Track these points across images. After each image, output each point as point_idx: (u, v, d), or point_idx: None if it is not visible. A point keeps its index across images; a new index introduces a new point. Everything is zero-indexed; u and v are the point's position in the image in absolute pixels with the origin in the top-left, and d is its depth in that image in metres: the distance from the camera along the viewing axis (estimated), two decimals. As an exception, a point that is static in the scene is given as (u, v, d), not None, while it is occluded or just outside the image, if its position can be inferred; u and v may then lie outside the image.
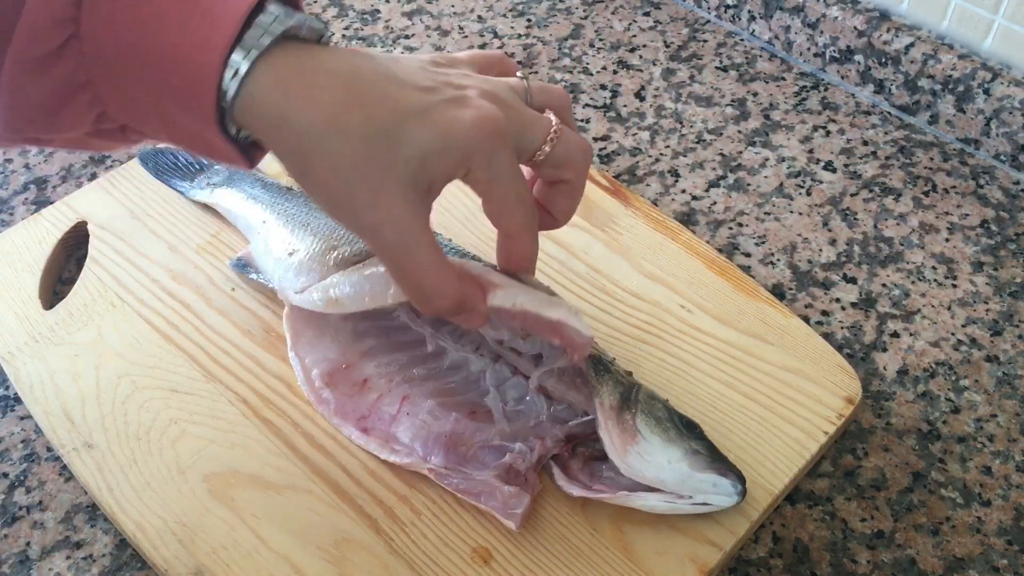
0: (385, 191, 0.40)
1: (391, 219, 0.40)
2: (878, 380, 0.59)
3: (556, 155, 0.44)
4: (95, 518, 0.53)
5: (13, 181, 0.72)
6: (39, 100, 0.40)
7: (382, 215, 0.40)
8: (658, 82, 0.78)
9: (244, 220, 0.63)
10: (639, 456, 0.48)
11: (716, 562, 0.49)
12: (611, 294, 0.61)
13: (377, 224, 0.40)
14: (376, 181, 0.40)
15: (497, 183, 0.42)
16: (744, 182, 0.71)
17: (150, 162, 0.68)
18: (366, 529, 0.50)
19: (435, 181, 0.41)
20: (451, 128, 0.40)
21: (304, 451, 0.53)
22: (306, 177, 0.41)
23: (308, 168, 0.40)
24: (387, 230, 0.40)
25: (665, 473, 0.48)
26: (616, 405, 0.49)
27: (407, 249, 0.41)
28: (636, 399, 0.50)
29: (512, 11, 0.85)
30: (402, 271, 0.42)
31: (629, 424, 0.49)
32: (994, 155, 0.71)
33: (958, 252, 0.66)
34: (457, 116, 0.41)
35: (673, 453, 0.49)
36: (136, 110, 0.40)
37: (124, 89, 0.39)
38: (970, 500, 0.53)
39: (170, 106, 0.39)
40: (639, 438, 0.49)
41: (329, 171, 0.40)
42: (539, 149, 0.44)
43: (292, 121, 0.39)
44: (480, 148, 0.41)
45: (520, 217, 0.44)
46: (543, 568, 0.49)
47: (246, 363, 0.57)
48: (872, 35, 0.73)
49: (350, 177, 0.39)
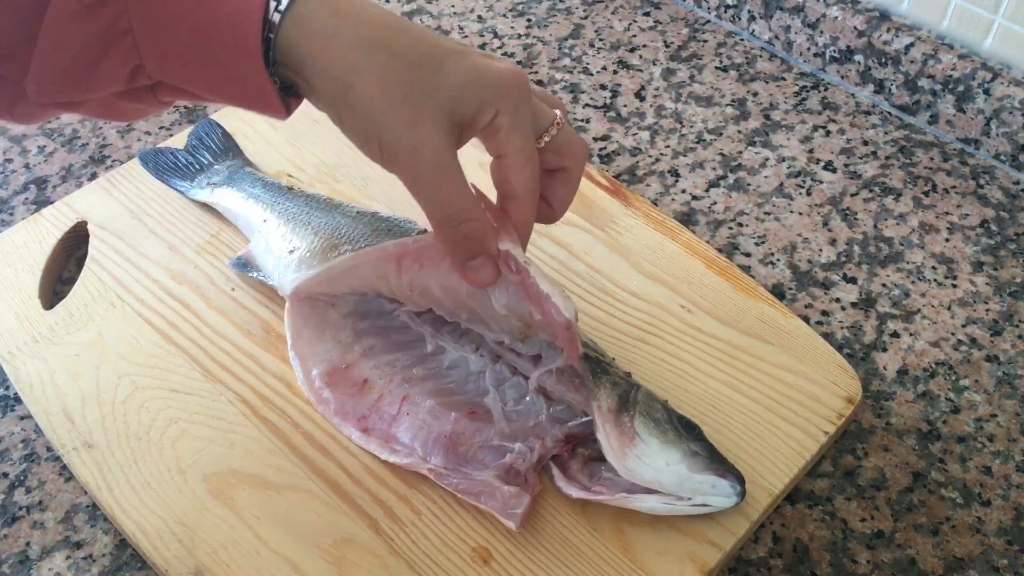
0: (426, 113, 0.41)
1: (430, 140, 0.42)
2: (878, 380, 0.59)
3: (560, 141, 0.46)
4: (95, 518, 0.53)
5: (13, 181, 0.72)
6: (77, 53, 0.40)
7: (423, 134, 0.41)
8: (658, 82, 0.78)
9: (244, 219, 0.63)
10: (637, 459, 0.48)
11: (716, 562, 0.49)
12: (611, 294, 0.61)
13: (417, 143, 0.41)
14: (418, 103, 0.41)
15: (517, 134, 0.44)
16: (744, 182, 0.71)
17: (150, 162, 0.68)
18: (366, 529, 0.50)
19: (467, 117, 0.43)
20: (487, 69, 0.43)
21: (304, 451, 0.53)
22: (348, 93, 0.41)
23: (353, 84, 0.41)
24: (426, 149, 0.42)
25: (664, 475, 0.48)
26: (614, 407, 0.49)
27: (444, 170, 0.42)
28: (634, 401, 0.50)
29: (512, 11, 0.85)
30: (436, 190, 0.43)
31: (627, 427, 0.49)
32: (994, 155, 0.71)
33: (958, 252, 0.66)
34: (491, 63, 0.43)
35: (671, 455, 0.49)
36: (175, 58, 0.41)
37: (166, 33, 0.40)
38: (970, 500, 0.53)
39: (213, 45, 0.40)
40: (637, 440, 0.49)
41: (376, 86, 0.41)
42: (546, 131, 0.46)
43: (342, 36, 0.41)
44: (511, 94, 0.43)
45: (529, 177, 0.45)
46: (543, 568, 0.49)
47: (246, 363, 0.57)
48: (872, 35, 0.73)
49: (395, 93, 0.41)
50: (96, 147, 0.74)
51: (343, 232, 0.58)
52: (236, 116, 0.71)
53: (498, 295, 0.50)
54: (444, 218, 0.44)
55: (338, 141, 0.70)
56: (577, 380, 0.52)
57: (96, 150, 0.74)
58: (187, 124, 0.75)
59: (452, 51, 0.43)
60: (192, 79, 0.42)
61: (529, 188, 0.45)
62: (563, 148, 0.47)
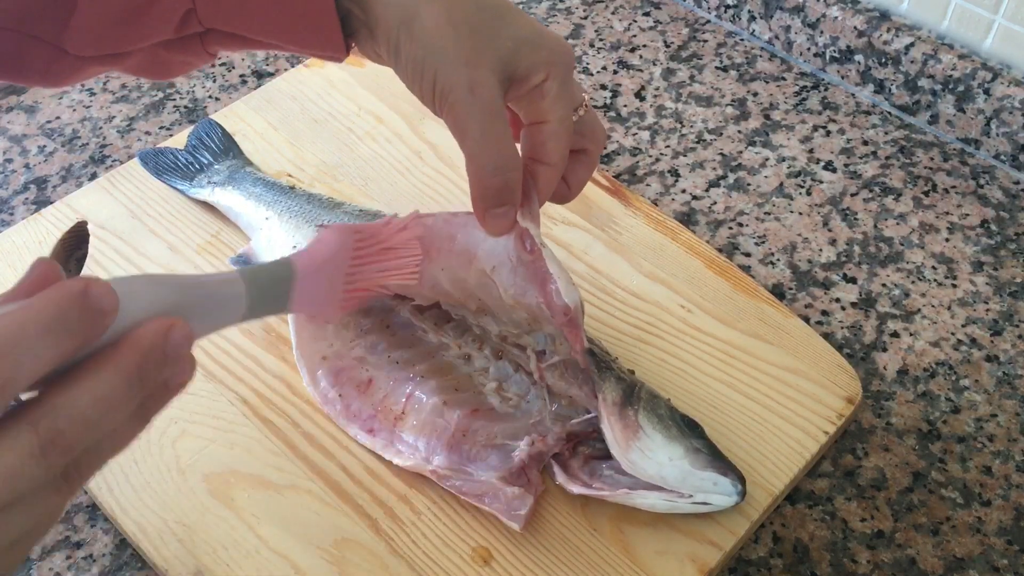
0: (487, 55, 0.42)
1: (488, 82, 0.42)
2: (878, 380, 0.59)
3: (585, 122, 0.47)
4: (95, 518, 0.53)
5: (13, 181, 0.72)
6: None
7: (481, 75, 0.41)
8: (658, 82, 0.78)
9: (246, 218, 0.63)
10: (641, 452, 0.48)
11: (716, 562, 0.49)
12: (611, 294, 0.61)
13: (475, 80, 0.41)
14: (480, 43, 0.41)
15: (561, 103, 0.44)
16: (744, 182, 0.71)
17: (150, 162, 0.68)
18: (366, 529, 0.50)
19: (519, 72, 0.43)
20: (545, 32, 0.44)
21: (304, 451, 0.53)
22: (413, 22, 0.41)
23: (419, 13, 0.41)
24: (482, 90, 0.41)
25: (666, 470, 0.48)
26: (619, 401, 0.50)
27: (496, 115, 0.42)
28: (639, 395, 0.50)
29: (512, 11, 0.85)
30: (486, 134, 0.42)
31: (631, 420, 0.49)
32: (994, 155, 0.71)
33: (958, 252, 0.66)
34: (548, 30, 0.45)
35: (675, 450, 0.49)
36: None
37: None
38: (970, 500, 0.53)
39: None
40: (641, 434, 0.49)
41: (442, 17, 0.41)
42: (575, 111, 0.46)
43: None
44: (562, 61, 0.44)
45: (564, 146, 0.45)
46: (543, 568, 0.49)
47: (246, 363, 0.57)
48: (872, 35, 0.73)
49: (460, 29, 0.41)
50: (96, 147, 0.74)
51: None
52: (236, 116, 0.71)
53: (506, 282, 0.50)
54: (488, 164, 0.43)
55: (338, 141, 0.70)
56: (581, 375, 0.52)
57: (96, 150, 0.74)
58: (187, 124, 0.75)
59: (513, 7, 0.44)
60: (249, 18, 0.42)
61: (561, 158, 0.45)
62: (587, 130, 0.47)
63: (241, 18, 0.42)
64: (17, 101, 0.78)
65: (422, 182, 0.67)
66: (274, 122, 0.71)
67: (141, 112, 0.77)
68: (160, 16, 0.41)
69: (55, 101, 0.78)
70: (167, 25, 0.41)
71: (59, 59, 0.42)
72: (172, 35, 0.42)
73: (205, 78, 0.79)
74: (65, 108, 0.77)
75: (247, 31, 0.42)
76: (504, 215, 0.45)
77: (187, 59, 0.45)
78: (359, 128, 0.71)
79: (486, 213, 0.45)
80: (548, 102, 0.44)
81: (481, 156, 0.43)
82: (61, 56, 0.42)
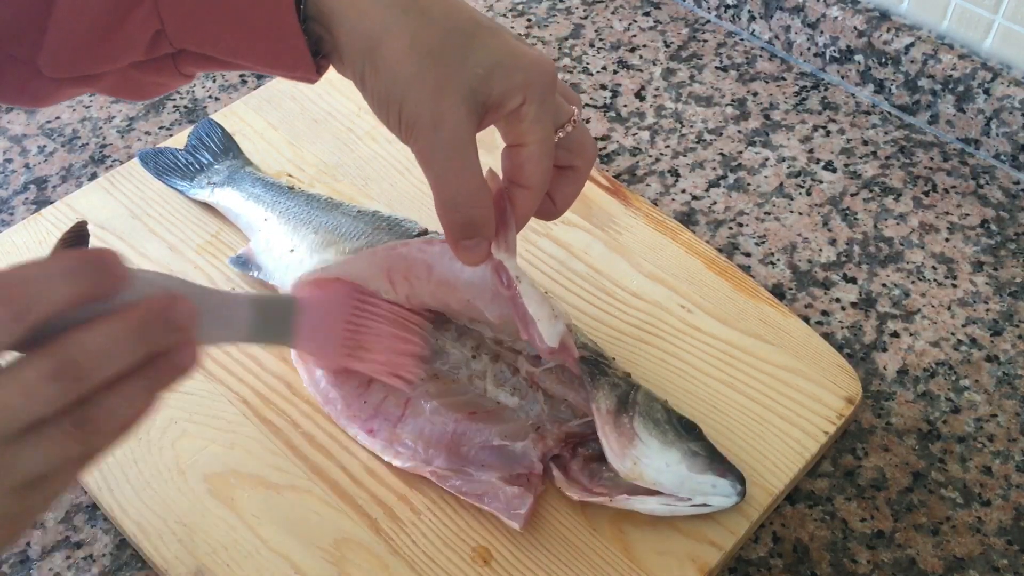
0: (452, 85, 0.40)
1: (452, 113, 0.40)
2: (878, 380, 0.59)
3: (573, 139, 0.45)
4: (95, 518, 0.53)
5: (13, 181, 0.72)
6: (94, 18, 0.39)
7: (446, 107, 0.40)
8: (658, 82, 0.78)
9: (245, 218, 0.63)
10: (637, 460, 0.48)
11: (716, 562, 0.49)
12: (611, 294, 0.61)
13: (439, 114, 0.40)
14: (446, 72, 0.40)
15: (541, 126, 0.42)
16: (744, 182, 0.71)
17: (150, 162, 0.68)
18: (366, 529, 0.50)
19: (492, 99, 0.41)
20: (520, 53, 0.41)
21: (304, 451, 0.53)
22: (376, 52, 0.40)
23: (382, 42, 0.40)
24: (447, 123, 0.40)
25: (664, 476, 0.48)
26: (613, 409, 0.49)
27: (461, 148, 0.41)
28: (634, 401, 0.50)
29: (512, 11, 0.85)
30: (448, 169, 0.41)
31: (627, 427, 0.49)
32: (994, 155, 0.71)
33: (958, 252, 0.66)
34: (523, 48, 0.42)
35: (672, 455, 0.49)
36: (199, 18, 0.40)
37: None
38: (970, 500, 0.53)
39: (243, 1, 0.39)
40: (637, 441, 0.49)
41: (406, 47, 0.39)
42: (562, 127, 0.45)
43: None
44: (540, 82, 0.42)
45: (545, 170, 0.44)
46: (543, 568, 0.49)
47: (246, 363, 0.57)
48: (872, 35, 0.73)
49: (424, 59, 0.39)
50: (96, 147, 0.74)
51: (343, 232, 0.58)
52: (236, 116, 0.71)
53: (490, 308, 0.50)
54: (450, 199, 0.42)
55: (338, 141, 0.70)
56: (576, 380, 0.52)
57: (96, 150, 0.74)
58: (187, 124, 0.75)
59: (486, 27, 0.41)
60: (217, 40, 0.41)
61: (541, 181, 0.44)
62: (575, 146, 0.46)
63: (209, 39, 0.41)
64: (17, 101, 0.78)
65: (422, 182, 0.67)
66: (274, 122, 0.71)
67: (141, 112, 0.77)
68: (129, 37, 0.40)
69: (55, 101, 0.78)
70: (137, 46, 0.41)
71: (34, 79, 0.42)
72: (143, 56, 0.41)
73: (205, 78, 0.79)
74: (65, 108, 0.77)
75: (216, 52, 0.42)
76: (475, 247, 0.44)
77: (161, 80, 0.44)
78: (359, 128, 0.71)
79: (456, 244, 0.44)
80: (526, 125, 0.42)
81: (444, 191, 0.42)
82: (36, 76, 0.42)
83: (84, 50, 0.40)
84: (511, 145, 0.44)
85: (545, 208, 0.47)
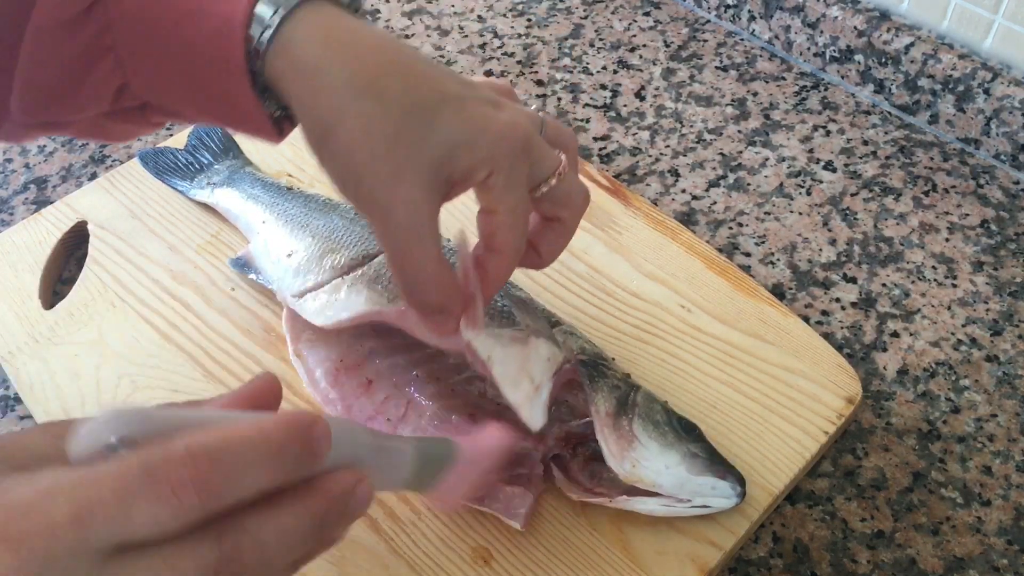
0: (409, 169, 0.38)
1: (408, 199, 0.39)
2: (878, 380, 0.59)
3: (559, 191, 0.43)
4: (95, 518, 0.53)
5: (13, 181, 0.72)
6: (59, 71, 0.39)
7: (400, 194, 0.38)
8: (658, 82, 0.78)
9: (244, 220, 0.63)
10: (636, 462, 0.48)
11: (716, 562, 0.49)
12: (611, 294, 0.61)
13: (393, 202, 0.39)
14: (402, 157, 0.38)
15: (510, 194, 0.41)
16: (744, 182, 0.71)
17: (150, 162, 0.68)
18: (366, 529, 0.50)
19: (456, 175, 0.40)
20: (486, 125, 0.40)
21: (304, 451, 0.53)
22: (329, 138, 0.39)
23: (335, 128, 0.38)
24: (401, 210, 0.39)
25: (663, 478, 0.48)
26: (612, 411, 0.49)
27: (416, 235, 0.39)
28: (633, 403, 0.50)
29: (512, 11, 0.85)
30: (404, 256, 0.40)
31: (626, 430, 0.49)
32: (994, 155, 0.71)
33: (958, 252, 0.66)
34: (493, 115, 0.40)
35: (671, 458, 0.48)
36: (161, 78, 0.39)
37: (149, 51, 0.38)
38: (970, 500, 0.53)
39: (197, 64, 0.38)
40: (636, 444, 0.49)
41: (358, 134, 0.38)
42: (545, 181, 0.43)
43: (330, 73, 0.37)
44: (508, 152, 0.40)
45: (516, 238, 0.42)
46: (543, 568, 0.49)
47: (246, 363, 0.57)
48: (872, 35, 0.73)
49: (377, 146, 0.38)
50: (96, 147, 0.74)
51: (340, 236, 0.58)
52: (236, 116, 0.71)
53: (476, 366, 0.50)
54: (407, 283, 0.41)
55: (338, 141, 0.70)
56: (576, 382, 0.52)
57: (96, 150, 0.74)
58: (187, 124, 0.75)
59: (451, 98, 0.39)
60: (179, 100, 0.40)
61: (514, 249, 0.42)
62: (561, 198, 0.44)
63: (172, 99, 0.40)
64: (17, 101, 0.78)
65: (422, 182, 0.67)
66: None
67: (141, 112, 0.77)
68: (95, 89, 0.40)
69: (55, 101, 0.78)
70: (103, 99, 0.40)
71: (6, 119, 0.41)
72: (109, 108, 0.41)
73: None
74: (65, 108, 0.77)
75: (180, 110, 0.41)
76: (441, 322, 0.43)
77: (129, 127, 0.43)
78: (359, 128, 0.71)
79: (423, 316, 0.43)
80: (495, 195, 0.40)
81: (399, 276, 0.41)
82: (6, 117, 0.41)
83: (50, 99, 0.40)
84: (483, 211, 0.42)
85: (530, 259, 0.46)
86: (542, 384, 0.48)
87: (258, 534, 0.30)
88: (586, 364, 0.51)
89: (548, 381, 0.49)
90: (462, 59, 0.81)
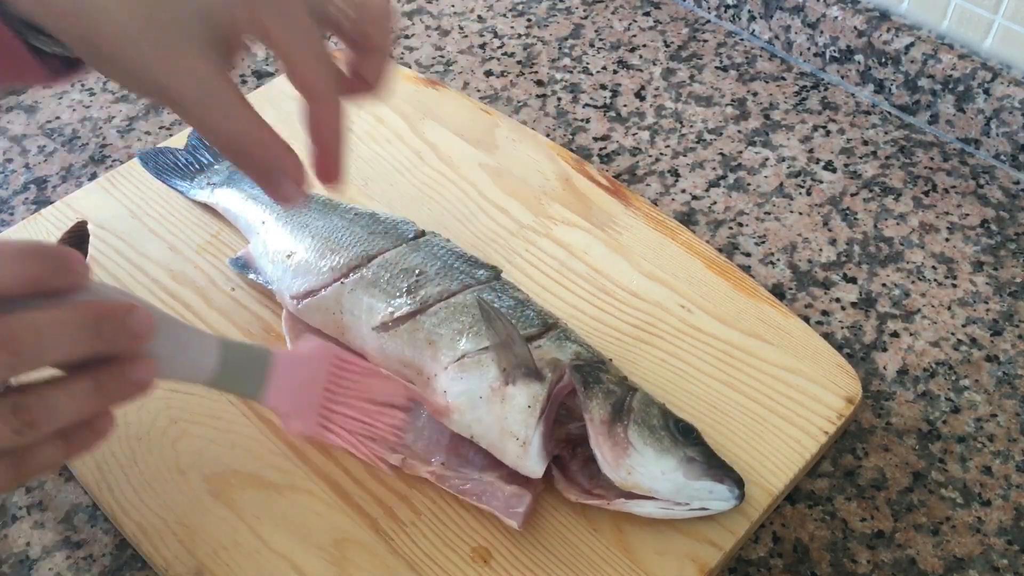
0: (177, 49, 0.38)
1: (189, 74, 0.39)
2: (878, 380, 0.59)
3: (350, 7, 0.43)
4: (95, 518, 0.53)
5: (13, 181, 0.72)
6: None
7: (180, 73, 0.38)
8: (658, 82, 0.78)
9: (244, 220, 0.63)
10: (632, 469, 0.48)
11: (716, 562, 0.49)
12: (611, 294, 0.61)
13: (175, 84, 0.39)
14: (166, 41, 0.38)
15: (295, 39, 0.40)
16: (744, 182, 0.71)
17: (150, 162, 0.68)
18: (366, 529, 0.50)
19: (225, 29, 0.39)
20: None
21: (304, 451, 0.53)
22: (100, 53, 0.38)
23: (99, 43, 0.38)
24: (186, 86, 0.39)
25: (659, 483, 0.48)
26: (607, 418, 0.49)
27: (212, 97, 0.39)
28: (628, 408, 0.50)
29: (512, 11, 0.85)
30: (211, 122, 0.40)
31: (620, 437, 0.48)
32: (994, 155, 0.71)
33: (958, 252, 0.66)
34: None
35: (667, 463, 0.48)
36: None
37: None
38: (970, 500, 0.53)
39: None
40: (631, 451, 0.48)
41: (119, 40, 0.38)
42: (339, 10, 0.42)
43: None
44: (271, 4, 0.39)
45: (324, 74, 0.41)
46: (543, 568, 0.49)
47: (246, 363, 0.57)
48: (872, 35, 0.73)
49: (140, 42, 0.38)
50: (96, 147, 0.74)
51: (338, 237, 0.58)
52: (236, 116, 0.71)
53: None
54: (228, 147, 0.41)
55: (338, 141, 0.70)
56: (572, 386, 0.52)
57: (96, 150, 0.74)
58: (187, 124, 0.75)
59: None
60: None
61: (326, 85, 0.42)
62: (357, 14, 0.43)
63: None
64: (17, 101, 0.78)
65: (422, 182, 0.67)
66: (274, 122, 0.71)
67: (141, 112, 0.77)
68: None
69: (55, 101, 0.78)
70: None
71: None
72: None
73: (205, 78, 0.79)
74: (65, 108, 0.77)
75: None
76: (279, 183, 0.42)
77: None
78: (359, 128, 0.71)
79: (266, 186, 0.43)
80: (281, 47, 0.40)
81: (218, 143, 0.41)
82: None
83: None
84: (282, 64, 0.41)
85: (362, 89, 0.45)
86: (528, 438, 0.48)
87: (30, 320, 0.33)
88: (580, 370, 0.51)
89: (535, 427, 0.49)
90: (462, 59, 0.81)
